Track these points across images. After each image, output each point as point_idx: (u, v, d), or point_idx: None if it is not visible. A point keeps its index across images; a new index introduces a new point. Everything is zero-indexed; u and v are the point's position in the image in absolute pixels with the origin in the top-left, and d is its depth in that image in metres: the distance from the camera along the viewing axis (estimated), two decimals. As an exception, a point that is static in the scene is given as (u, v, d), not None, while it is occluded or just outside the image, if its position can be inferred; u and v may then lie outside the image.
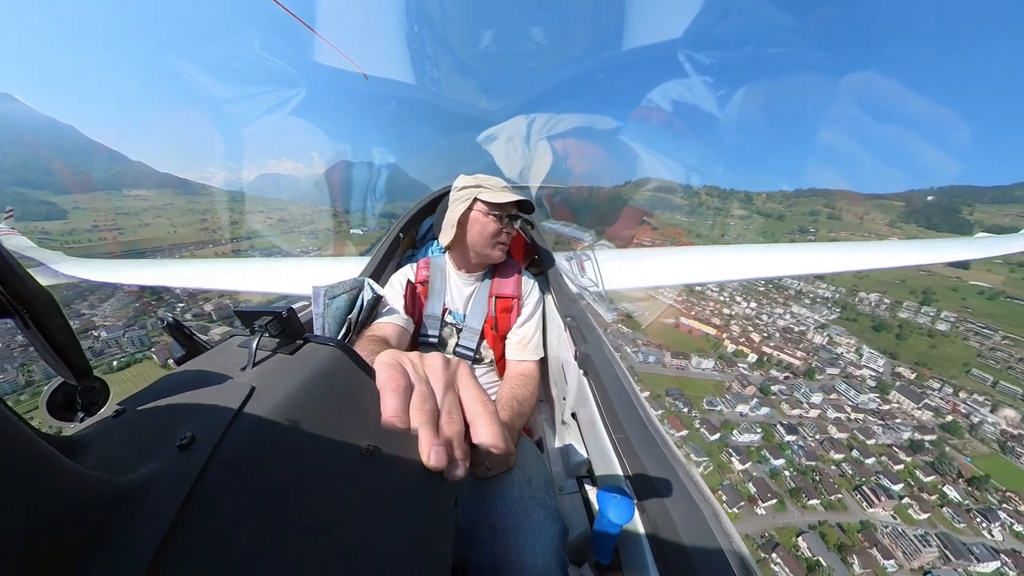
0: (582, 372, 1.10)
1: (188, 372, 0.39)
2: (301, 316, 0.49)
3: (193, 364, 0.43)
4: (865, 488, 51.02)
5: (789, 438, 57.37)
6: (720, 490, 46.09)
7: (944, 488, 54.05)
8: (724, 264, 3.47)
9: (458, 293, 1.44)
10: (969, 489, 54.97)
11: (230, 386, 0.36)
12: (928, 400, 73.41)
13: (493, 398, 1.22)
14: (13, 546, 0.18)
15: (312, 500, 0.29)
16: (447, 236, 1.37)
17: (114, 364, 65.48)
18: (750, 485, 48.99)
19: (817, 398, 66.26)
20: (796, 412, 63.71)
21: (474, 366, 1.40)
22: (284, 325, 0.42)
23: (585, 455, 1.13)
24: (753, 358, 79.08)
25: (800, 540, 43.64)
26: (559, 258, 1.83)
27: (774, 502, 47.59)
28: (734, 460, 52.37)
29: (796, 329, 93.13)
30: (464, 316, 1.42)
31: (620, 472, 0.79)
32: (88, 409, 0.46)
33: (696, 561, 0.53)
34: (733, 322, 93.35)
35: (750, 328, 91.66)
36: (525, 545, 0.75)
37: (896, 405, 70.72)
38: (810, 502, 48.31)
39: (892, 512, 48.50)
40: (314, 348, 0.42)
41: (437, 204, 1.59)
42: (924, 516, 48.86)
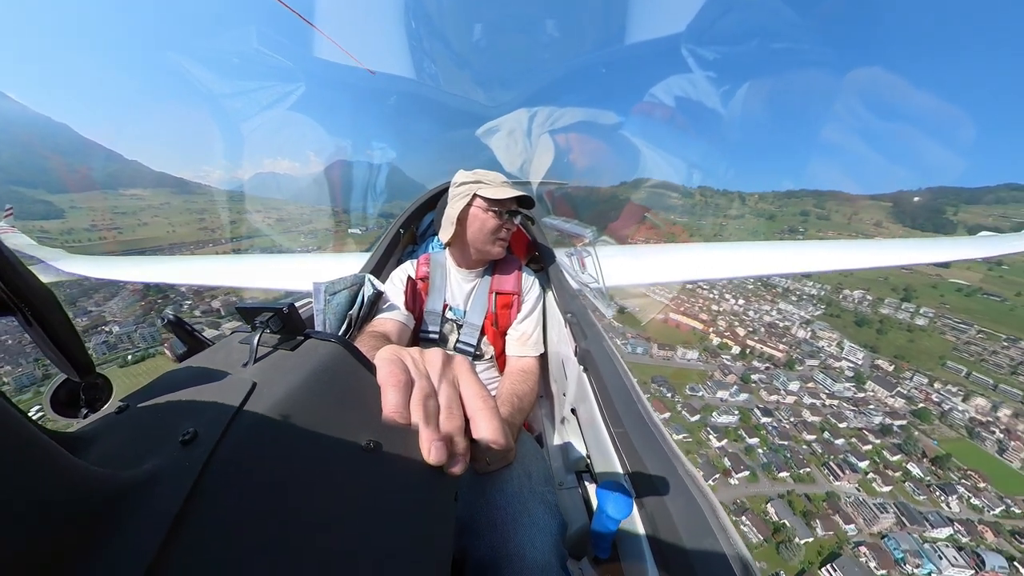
0: (582, 368, 1.09)
1: (190, 368, 0.40)
2: (302, 312, 0.49)
3: (195, 360, 0.43)
4: (832, 464, 55.50)
5: (765, 420, 61.80)
6: (698, 467, 49.92)
7: (908, 466, 58.41)
8: (716, 262, 3.52)
9: (458, 289, 1.44)
10: (932, 468, 59.26)
11: (232, 382, 0.36)
12: (900, 388, 77.68)
13: (493, 394, 1.25)
14: (19, 541, 0.18)
15: (313, 495, 0.30)
16: (447, 232, 1.36)
17: (128, 358, 67.32)
18: (725, 460, 53.46)
19: (795, 386, 70.63)
20: (774, 398, 68.06)
21: (474, 362, 1.39)
22: (285, 321, 0.43)
23: (584, 451, 1.14)
24: (737, 350, 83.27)
25: (768, 506, 48.02)
26: (560, 254, 1.83)
27: (747, 474, 52.07)
28: (712, 438, 57.03)
29: (781, 325, 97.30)
30: (464, 312, 1.41)
31: (619, 468, 0.79)
32: (91, 405, 0.46)
33: (693, 556, 0.53)
34: (720, 318, 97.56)
35: (736, 323, 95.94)
36: (525, 539, 0.76)
37: (871, 393, 75.03)
38: (780, 475, 52.87)
39: (857, 485, 52.83)
40: (315, 344, 0.42)
41: (437, 200, 1.63)
42: (887, 489, 53.24)
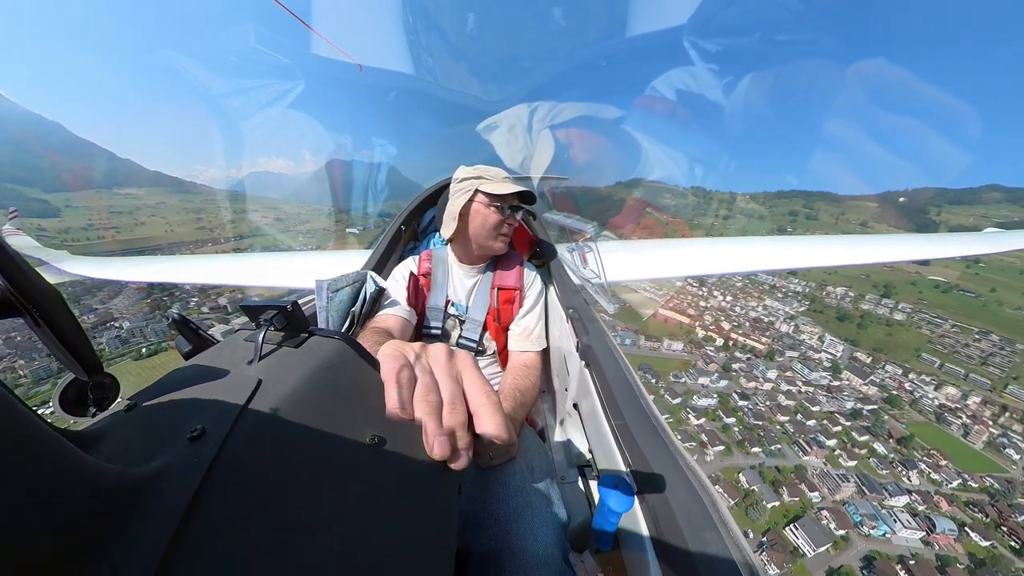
0: (584, 363, 1.10)
1: (196, 366, 0.40)
2: (305, 310, 0.48)
3: (200, 358, 0.44)
4: (802, 441, 60.64)
5: (742, 403, 67.14)
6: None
7: (874, 445, 63.51)
8: (707, 258, 3.67)
9: (460, 285, 1.44)
10: (897, 447, 64.29)
11: (237, 379, 0.37)
12: (873, 377, 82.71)
13: (496, 389, 1.20)
14: (34, 535, 0.19)
15: (319, 491, 0.30)
16: (448, 228, 1.36)
17: (143, 351, 69.85)
18: (703, 436, 58.51)
19: (773, 374, 75.69)
20: (752, 384, 73.20)
21: (477, 357, 1.36)
22: (289, 319, 0.43)
23: (586, 445, 1.15)
24: (720, 342, 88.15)
25: (740, 475, 53.23)
26: (561, 250, 1.84)
27: (721, 448, 57.12)
28: (691, 417, 62.16)
29: (766, 320, 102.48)
30: (467, 308, 1.42)
31: (620, 462, 0.80)
32: (99, 404, 0.47)
33: (694, 548, 0.54)
34: (707, 313, 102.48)
35: (722, 318, 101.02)
36: (527, 532, 0.77)
37: (846, 382, 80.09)
38: (753, 449, 58.06)
39: (824, 460, 57.51)
40: (319, 341, 0.43)
41: (438, 196, 1.62)
42: (852, 464, 58.08)
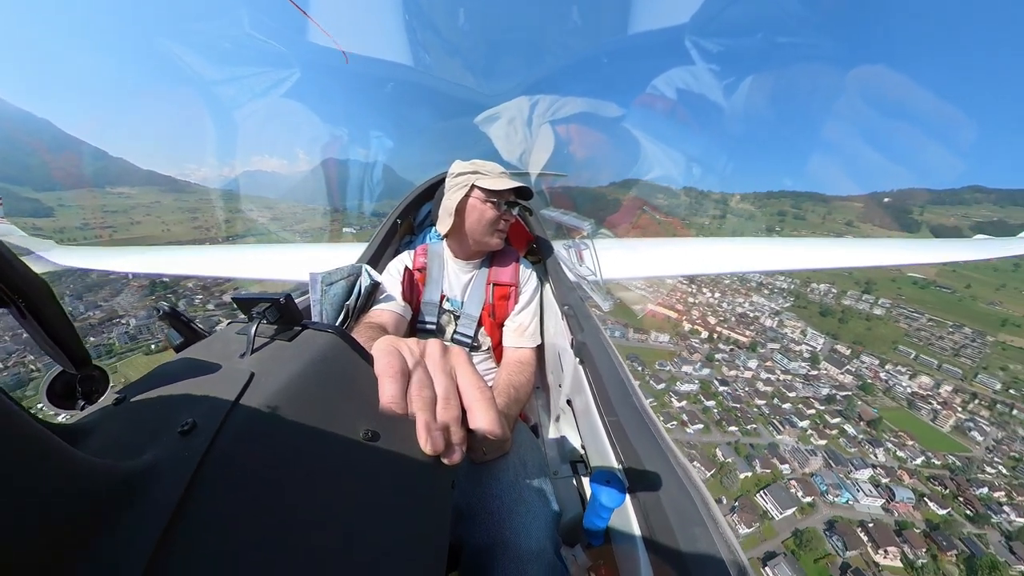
0: (578, 360, 1.10)
1: (187, 359, 0.39)
2: (299, 303, 0.50)
3: (192, 351, 0.43)
4: (776, 422, 65.13)
5: (722, 388, 72.03)
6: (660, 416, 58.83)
7: (845, 426, 68.12)
8: (698, 258, 3.73)
9: (456, 280, 1.43)
10: (867, 429, 68.86)
11: (229, 373, 0.36)
12: (849, 367, 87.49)
13: (490, 384, 1.22)
14: (22, 532, 0.18)
15: (312, 485, 0.30)
16: (444, 224, 1.35)
17: (152, 347, 68.48)
18: (683, 415, 63.27)
19: (753, 364, 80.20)
20: (733, 373, 77.69)
21: (471, 353, 1.39)
22: (282, 312, 0.42)
23: (579, 441, 1.16)
24: (705, 335, 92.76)
25: (717, 450, 57.90)
26: (558, 246, 1.83)
27: (700, 427, 61.88)
28: (673, 400, 67.14)
29: (752, 315, 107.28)
30: (462, 303, 1.41)
31: (613, 458, 0.81)
32: (88, 397, 0.46)
33: (684, 545, 0.55)
34: (695, 309, 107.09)
35: (709, 313, 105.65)
36: (520, 526, 0.79)
37: (824, 371, 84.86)
38: (730, 428, 62.95)
39: (796, 439, 61.88)
40: (312, 335, 0.42)
41: (435, 190, 1.60)
42: (822, 442, 62.52)
